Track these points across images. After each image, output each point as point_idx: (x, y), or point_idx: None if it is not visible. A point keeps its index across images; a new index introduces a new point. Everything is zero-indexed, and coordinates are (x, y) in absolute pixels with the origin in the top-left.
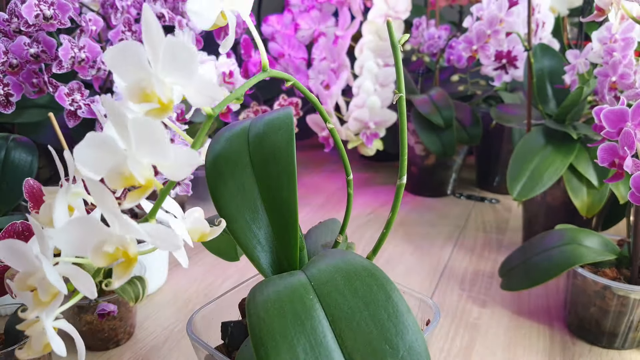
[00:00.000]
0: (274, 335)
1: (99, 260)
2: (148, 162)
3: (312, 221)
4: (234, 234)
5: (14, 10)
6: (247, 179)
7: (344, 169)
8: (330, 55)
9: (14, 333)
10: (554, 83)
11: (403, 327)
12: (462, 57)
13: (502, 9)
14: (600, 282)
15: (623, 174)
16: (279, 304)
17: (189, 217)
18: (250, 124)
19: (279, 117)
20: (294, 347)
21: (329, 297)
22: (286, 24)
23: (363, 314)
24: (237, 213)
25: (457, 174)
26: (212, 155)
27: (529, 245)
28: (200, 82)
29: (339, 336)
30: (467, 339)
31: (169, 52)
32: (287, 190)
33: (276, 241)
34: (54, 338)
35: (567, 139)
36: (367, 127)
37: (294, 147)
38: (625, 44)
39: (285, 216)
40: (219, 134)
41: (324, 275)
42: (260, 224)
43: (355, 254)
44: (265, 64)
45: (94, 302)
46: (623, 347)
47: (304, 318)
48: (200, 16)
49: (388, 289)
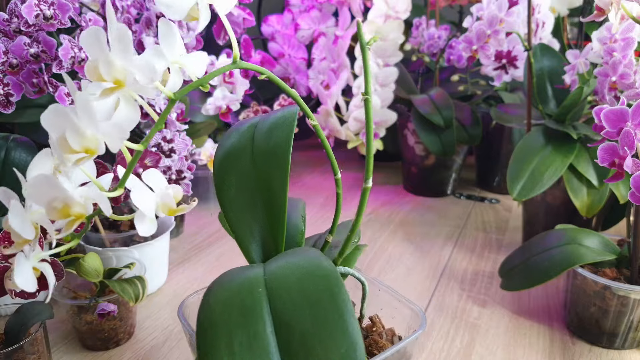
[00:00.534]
0: (215, 323)
1: (51, 213)
2: (91, 132)
3: (312, 221)
4: (230, 222)
5: (14, 10)
6: (248, 173)
7: (332, 168)
8: (330, 55)
9: (14, 333)
10: (554, 83)
11: (340, 332)
12: (462, 57)
13: (502, 9)
14: (600, 282)
15: (623, 174)
16: (228, 293)
17: (162, 193)
18: (258, 120)
19: (283, 115)
20: (231, 337)
21: (277, 292)
22: (286, 24)
23: (305, 313)
24: (235, 203)
25: (457, 174)
26: (220, 149)
27: (529, 245)
28: (139, 62)
29: (278, 332)
30: (467, 339)
31: (117, 36)
32: (279, 184)
33: (268, 233)
34: (23, 273)
35: (567, 139)
36: None
37: (290, 143)
38: (625, 44)
39: (276, 210)
40: (229, 130)
41: (279, 271)
42: (255, 216)
43: (321, 255)
44: (236, 55)
45: (94, 302)
46: (623, 347)
47: (248, 310)
48: (171, 8)
49: (336, 291)
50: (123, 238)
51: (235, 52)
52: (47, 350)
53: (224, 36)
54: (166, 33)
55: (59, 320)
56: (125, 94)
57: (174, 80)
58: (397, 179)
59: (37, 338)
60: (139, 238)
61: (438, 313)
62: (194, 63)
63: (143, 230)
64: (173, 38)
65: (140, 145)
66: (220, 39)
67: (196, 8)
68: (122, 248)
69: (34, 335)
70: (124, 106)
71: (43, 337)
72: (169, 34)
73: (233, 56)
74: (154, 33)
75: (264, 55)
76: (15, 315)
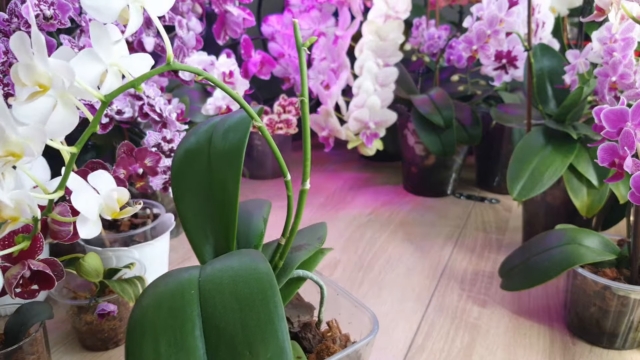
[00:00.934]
0: (144, 324)
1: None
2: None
3: (312, 221)
4: (184, 224)
5: (14, 10)
6: (203, 174)
7: (282, 171)
8: (330, 55)
9: (13, 333)
10: (554, 83)
11: (269, 335)
12: (462, 57)
13: (502, 9)
14: (600, 282)
15: (623, 174)
16: (160, 295)
17: (105, 195)
18: (218, 122)
19: (240, 117)
20: (158, 339)
21: (209, 294)
22: (286, 24)
23: (235, 316)
24: (190, 204)
25: (457, 174)
26: (180, 149)
27: (529, 245)
28: (54, 66)
29: (207, 335)
30: (467, 339)
31: (34, 41)
32: (231, 186)
33: (221, 235)
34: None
35: (567, 139)
36: (367, 127)
37: (244, 146)
38: (625, 44)
39: (228, 211)
40: (190, 131)
41: (214, 273)
42: (208, 217)
43: (259, 257)
44: (170, 56)
45: (94, 302)
46: (623, 347)
47: (177, 312)
48: (98, 11)
49: (269, 294)
50: (123, 238)
51: (169, 53)
52: (46, 351)
53: (224, 36)
54: (99, 35)
55: (59, 320)
56: (63, 97)
57: (110, 83)
58: (397, 179)
59: (36, 338)
60: (139, 238)
61: (438, 313)
62: (134, 65)
63: (84, 233)
64: (107, 40)
65: (74, 147)
66: (220, 39)
67: (127, 10)
68: (122, 248)
69: (34, 335)
70: (61, 110)
71: (43, 337)
72: (102, 36)
73: (167, 57)
74: (154, 33)
75: (264, 55)
76: (15, 316)
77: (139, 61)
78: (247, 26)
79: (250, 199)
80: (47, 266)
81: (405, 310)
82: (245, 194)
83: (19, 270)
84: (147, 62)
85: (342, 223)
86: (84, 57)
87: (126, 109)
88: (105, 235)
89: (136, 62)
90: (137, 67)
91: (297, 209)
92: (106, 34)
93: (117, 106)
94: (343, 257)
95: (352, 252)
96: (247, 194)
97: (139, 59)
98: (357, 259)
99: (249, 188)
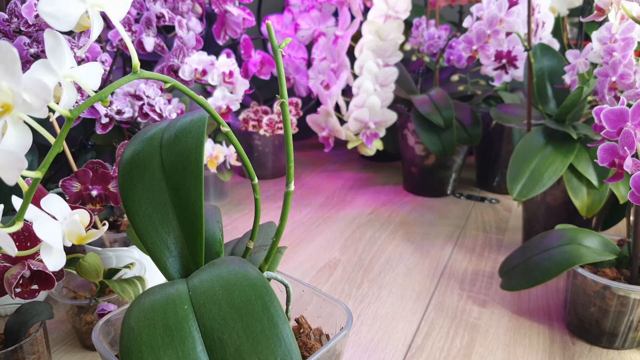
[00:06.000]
0: (140, 346)
1: None
2: None
3: (312, 220)
4: (141, 238)
5: (14, 10)
6: (157, 183)
7: (249, 174)
8: (330, 55)
9: (13, 333)
10: (554, 83)
11: (276, 340)
12: (462, 57)
13: (502, 9)
14: (600, 282)
15: (623, 174)
16: (151, 314)
17: (67, 220)
18: (165, 126)
19: (192, 120)
20: (159, 359)
21: (204, 307)
22: (286, 24)
23: (237, 326)
24: (146, 217)
25: (457, 174)
26: (124, 158)
27: (529, 245)
28: (28, 81)
29: (209, 348)
30: (467, 339)
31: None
32: (193, 194)
33: (185, 246)
34: None
35: (567, 139)
36: (367, 127)
37: (202, 150)
38: (625, 44)
39: (192, 220)
40: (134, 137)
41: (204, 285)
42: (169, 229)
43: (245, 263)
44: (136, 65)
45: (94, 302)
46: (623, 347)
47: (174, 329)
48: (57, 19)
49: (267, 299)
50: (123, 238)
51: (135, 61)
52: (47, 351)
53: (224, 36)
54: (54, 45)
55: (59, 320)
56: (13, 117)
57: (69, 96)
58: (397, 179)
59: (36, 338)
60: None
61: (438, 313)
62: (87, 75)
63: (51, 264)
64: (61, 50)
65: (37, 172)
66: (220, 39)
67: (86, 17)
68: (122, 248)
69: (34, 335)
70: (13, 131)
71: (43, 337)
72: (57, 46)
73: (133, 67)
74: (154, 33)
75: (264, 55)
76: (15, 315)
77: (90, 71)
78: (247, 26)
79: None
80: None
81: (405, 310)
82: (246, 194)
83: (19, 270)
84: (97, 71)
85: (342, 223)
86: (39, 69)
87: (126, 109)
88: (105, 235)
89: (87, 72)
90: (89, 77)
91: (283, 212)
92: (60, 43)
93: (117, 106)
94: (343, 257)
95: (352, 252)
96: (247, 194)
97: (89, 69)
98: (357, 259)
99: (249, 188)
